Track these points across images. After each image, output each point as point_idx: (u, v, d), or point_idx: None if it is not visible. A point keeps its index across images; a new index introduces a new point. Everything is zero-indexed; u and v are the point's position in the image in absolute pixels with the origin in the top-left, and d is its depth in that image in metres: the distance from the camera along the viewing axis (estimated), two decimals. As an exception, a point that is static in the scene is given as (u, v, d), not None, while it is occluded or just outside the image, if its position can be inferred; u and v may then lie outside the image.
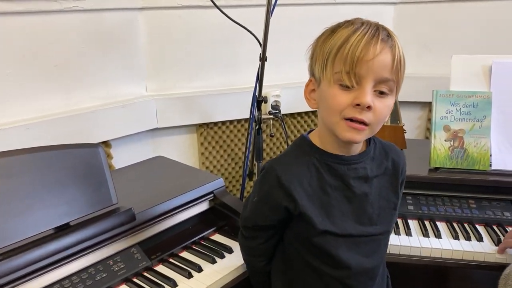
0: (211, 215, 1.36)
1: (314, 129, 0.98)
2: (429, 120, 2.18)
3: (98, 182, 1.14)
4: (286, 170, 0.90)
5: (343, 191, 0.91)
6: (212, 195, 1.36)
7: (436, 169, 1.45)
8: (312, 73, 0.90)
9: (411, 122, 2.20)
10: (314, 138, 0.94)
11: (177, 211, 1.26)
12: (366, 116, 0.81)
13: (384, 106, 0.82)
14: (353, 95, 0.81)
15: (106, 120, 1.61)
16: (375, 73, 0.80)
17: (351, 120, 0.82)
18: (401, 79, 0.85)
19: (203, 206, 1.35)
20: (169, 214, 1.24)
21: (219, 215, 1.35)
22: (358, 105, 0.80)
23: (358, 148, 0.93)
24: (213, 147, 1.92)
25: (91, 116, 1.57)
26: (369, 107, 0.80)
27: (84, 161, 1.12)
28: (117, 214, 1.14)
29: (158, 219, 1.22)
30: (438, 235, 1.28)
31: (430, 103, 2.14)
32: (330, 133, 0.88)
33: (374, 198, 0.93)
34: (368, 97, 0.80)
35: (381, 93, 0.82)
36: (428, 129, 2.19)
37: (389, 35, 0.82)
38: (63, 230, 1.06)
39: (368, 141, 0.95)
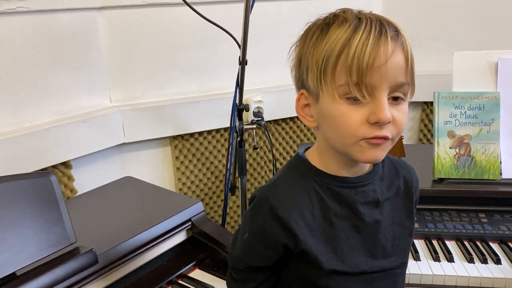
0: (189, 246, 1.20)
1: (310, 146, 0.83)
2: (422, 121, 2.05)
3: (51, 218, 0.96)
4: (282, 199, 0.75)
5: (351, 220, 0.77)
6: (190, 223, 1.19)
7: (441, 180, 1.32)
8: (302, 85, 0.75)
9: (402, 124, 2.06)
10: (312, 157, 0.80)
11: (149, 246, 1.09)
12: (387, 131, 0.68)
13: (402, 114, 0.70)
14: (366, 110, 0.67)
15: (64, 138, 1.42)
16: (389, 79, 0.66)
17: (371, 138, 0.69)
18: (414, 79, 0.72)
19: (179, 237, 1.18)
20: (139, 251, 1.07)
21: (198, 246, 1.19)
22: (376, 122, 0.66)
23: (365, 168, 0.79)
24: (190, 161, 1.74)
25: (46, 134, 1.37)
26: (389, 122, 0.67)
27: (32, 195, 0.94)
28: (75, 257, 0.96)
29: (126, 259, 1.04)
30: (450, 258, 1.15)
31: (422, 102, 2.04)
32: (336, 153, 0.75)
33: (387, 225, 0.80)
34: (387, 111, 0.66)
35: (395, 98, 0.69)
36: (422, 131, 2.05)
37: (396, 29, 0.69)
38: (7, 282, 0.88)
39: None
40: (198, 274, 1.13)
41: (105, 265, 1.00)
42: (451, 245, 1.21)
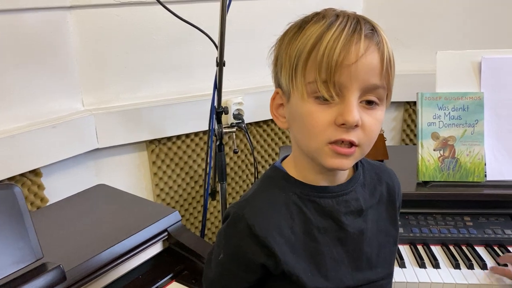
0: (166, 257, 1.13)
1: (287, 156, 0.78)
2: (405, 121, 2.02)
3: (15, 233, 0.89)
4: (259, 216, 0.70)
5: (334, 233, 0.73)
6: (166, 233, 1.12)
7: (425, 183, 1.28)
8: (278, 84, 0.72)
9: (384, 124, 2.03)
10: (289, 167, 0.75)
11: (122, 259, 1.03)
12: (354, 135, 0.64)
13: (374, 120, 0.66)
14: (334, 111, 0.63)
15: (32, 144, 1.33)
16: (360, 80, 0.63)
17: (336, 142, 0.64)
18: (392, 83, 0.68)
19: (155, 249, 1.11)
20: (111, 265, 1.00)
21: (175, 258, 1.12)
22: (343, 124, 0.63)
23: (345, 174, 0.75)
24: (168, 166, 1.67)
25: (12, 142, 1.28)
26: (357, 125, 0.63)
27: (-7, 209, 0.86)
28: (41, 274, 0.89)
29: (96, 274, 0.97)
30: (436, 264, 1.11)
31: (405, 102, 2.01)
32: (309, 159, 0.71)
33: (372, 235, 0.76)
34: (355, 112, 0.62)
35: (369, 103, 0.65)
36: (404, 131, 2.03)
37: (373, 28, 0.65)
38: (-36, 306, 0.81)
39: (356, 164, 0.77)
40: (175, 287, 1.06)
41: (74, 282, 0.93)
42: (436, 250, 1.17)
